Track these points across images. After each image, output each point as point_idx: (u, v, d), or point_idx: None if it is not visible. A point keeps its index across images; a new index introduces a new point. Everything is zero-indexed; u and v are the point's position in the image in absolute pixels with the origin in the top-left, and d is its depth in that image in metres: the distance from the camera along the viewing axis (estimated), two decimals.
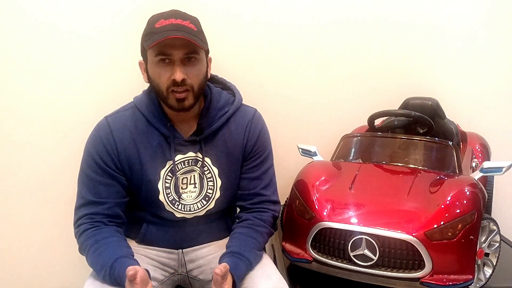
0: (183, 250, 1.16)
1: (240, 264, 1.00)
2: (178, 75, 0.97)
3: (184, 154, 1.09)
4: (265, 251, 1.17)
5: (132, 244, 1.13)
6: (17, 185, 1.57)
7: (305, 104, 1.62)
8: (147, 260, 1.12)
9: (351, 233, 0.99)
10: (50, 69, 1.49)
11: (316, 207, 1.05)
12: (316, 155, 1.32)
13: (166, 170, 1.09)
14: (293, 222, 1.11)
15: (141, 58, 1.07)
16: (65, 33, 1.47)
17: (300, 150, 1.36)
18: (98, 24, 1.48)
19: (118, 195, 1.08)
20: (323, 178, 1.13)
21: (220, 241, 1.18)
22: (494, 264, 1.05)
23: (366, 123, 1.44)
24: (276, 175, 1.21)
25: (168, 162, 1.08)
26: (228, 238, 1.12)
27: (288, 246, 1.12)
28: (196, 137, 1.09)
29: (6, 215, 1.59)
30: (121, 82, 1.51)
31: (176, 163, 1.09)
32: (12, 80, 1.49)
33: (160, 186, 1.08)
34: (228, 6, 1.50)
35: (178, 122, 1.10)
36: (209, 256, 1.16)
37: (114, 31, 1.49)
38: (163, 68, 0.99)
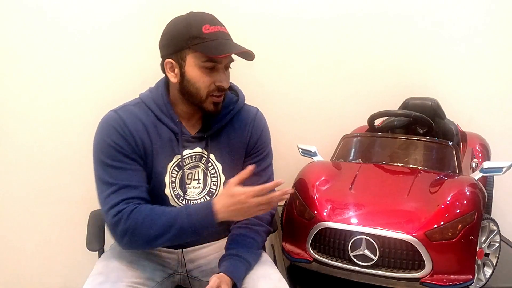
0: (183, 250, 1.16)
1: (239, 266, 1.01)
2: (226, 83, 1.04)
3: (191, 149, 1.10)
4: (265, 251, 1.17)
5: None
6: (17, 185, 1.57)
7: (305, 104, 1.62)
8: (147, 260, 1.12)
9: (351, 233, 0.99)
10: (50, 70, 1.49)
11: (316, 207, 1.05)
12: (316, 155, 1.32)
13: (173, 164, 1.09)
14: (293, 222, 1.11)
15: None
16: (65, 33, 1.47)
17: (300, 150, 1.36)
18: (99, 24, 1.48)
19: (144, 181, 1.05)
20: (323, 178, 1.14)
21: (220, 241, 1.18)
22: (494, 264, 1.05)
23: (366, 123, 1.44)
24: (276, 175, 1.21)
25: (175, 156, 1.09)
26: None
27: (288, 246, 1.12)
28: (203, 134, 1.10)
29: (6, 215, 1.59)
30: (122, 82, 1.51)
31: (184, 157, 1.09)
32: (12, 81, 1.49)
33: (167, 179, 1.08)
34: (228, 5, 1.50)
35: (185, 119, 1.11)
36: (209, 256, 1.16)
37: (114, 31, 1.49)
38: (208, 72, 1.01)
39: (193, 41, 0.99)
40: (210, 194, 1.12)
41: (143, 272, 1.06)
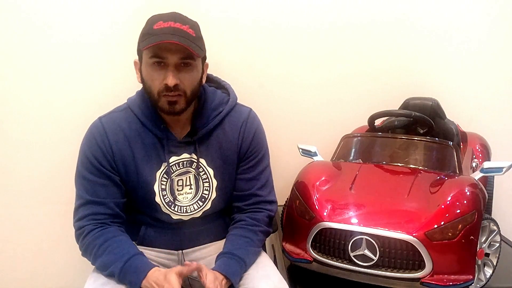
0: (183, 251, 1.16)
1: (232, 263, 1.01)
2: (171, 80, 0.96)
3: (178, 155, 1.08)
4: (266, 252, 1.17)
5: None
6: (17, 185, 1.57)
7: (305, 105, 1.62)
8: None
9: (351, 233, 0.99)
10: (48, 69, 1.49)
11: (317, 207, 1.05)
12: (316, 155, 1.32)
13: (161, 172, 1.08)
14: (294, 222, 1.11)
15: (137, 58, 1.06)
16: (61, 33, 1.47)
17: (300, 150, 1.36)
18: (94, 24, 1.47)
19: (116, 195, 1.07)
20: (323, 178, 1.13)
21: (220, 241, 1.17)
22: (495, 264, 1.05)
23: (366, 123, 1.43)
24: (276, 176, 1.21)
25: (163, 163, 1.08)
26: None
27: (288, 246, 1.12)
28: (190, 138, 1.08)
29: (6, 215, 1.59)
30: (118, 81, 1.51)
31: (170, 164, 1.08)
32: (10, 80, 1.49)
33: (156, 188, 1.08)
34: (228, 6, 1.50)
35: (172, 123, 1.08)
36: (209, 257, 1.16)
37: (110, 31, 1.48)
38: (157, 70, 0.98)
39: (142, 38, 0.98)
40: (203, 199, 1.12)
41: None
